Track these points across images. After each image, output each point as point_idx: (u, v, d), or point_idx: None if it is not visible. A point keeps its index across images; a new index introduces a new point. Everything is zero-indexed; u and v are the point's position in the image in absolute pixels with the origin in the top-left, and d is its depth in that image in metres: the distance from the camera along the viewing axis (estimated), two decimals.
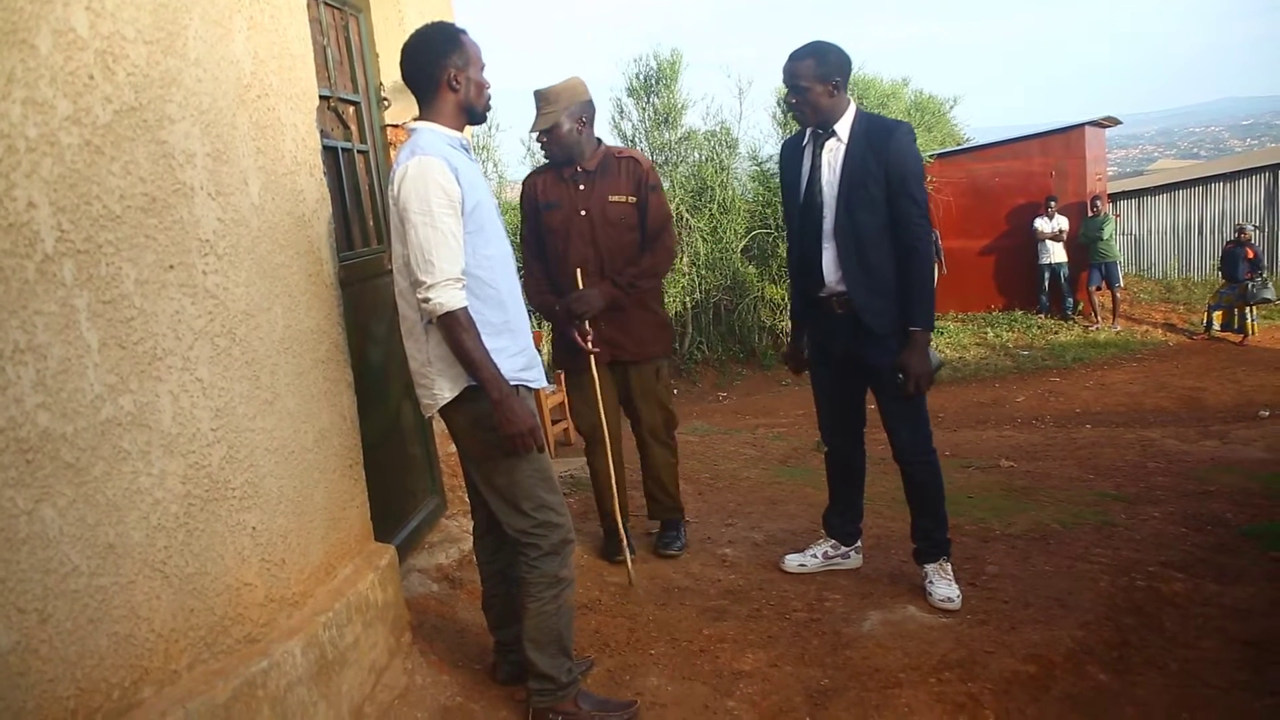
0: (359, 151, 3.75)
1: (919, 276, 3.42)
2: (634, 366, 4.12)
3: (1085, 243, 14.84)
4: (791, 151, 3.67)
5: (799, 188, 3.57)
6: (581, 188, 4.02)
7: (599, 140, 4.13)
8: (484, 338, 2.63)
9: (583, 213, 3.99)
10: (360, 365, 3.19)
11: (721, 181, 14.77)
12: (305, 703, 2.52)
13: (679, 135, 15.27)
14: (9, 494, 1.82)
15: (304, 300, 2.78)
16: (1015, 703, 2.89)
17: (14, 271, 1.85)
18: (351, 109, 3.74)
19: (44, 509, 1.90)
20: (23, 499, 1.85)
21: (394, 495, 3.69)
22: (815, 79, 3.41)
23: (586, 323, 3.87)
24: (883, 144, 3.38)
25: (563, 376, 4.55)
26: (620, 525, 4.04)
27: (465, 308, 2.56)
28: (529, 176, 4.25)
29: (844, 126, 3.45)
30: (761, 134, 18.70)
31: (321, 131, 3.07)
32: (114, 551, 2.05)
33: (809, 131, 3.59)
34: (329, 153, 3.41)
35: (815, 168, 3.50)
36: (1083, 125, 15.92)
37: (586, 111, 4.02)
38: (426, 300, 2.54)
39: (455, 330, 2.56)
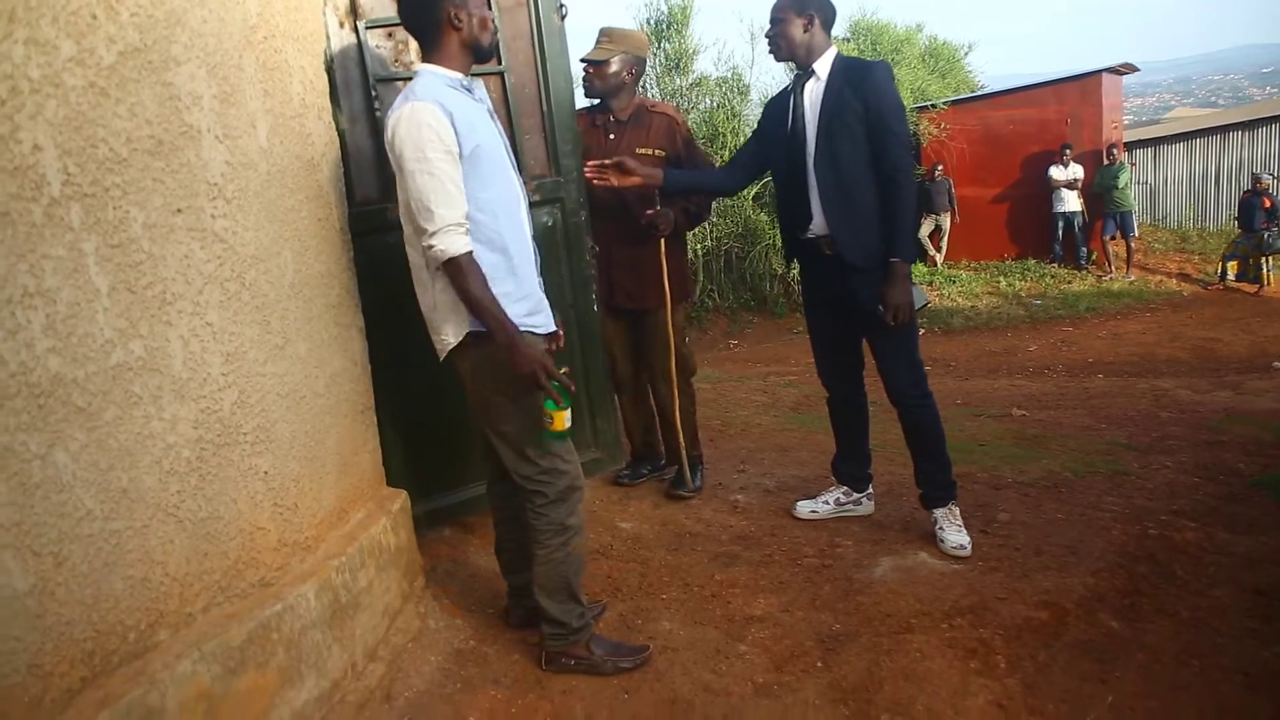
0: (492, 74, 3.54)
1: (900, 207, 3.43)
2: (649, 313, 4.21)
3: (1100, 191, 14.69)
4: (775, 103, 3.73)
5: (784, 130, 3.59)
6: (611, 137, 4.12)
7: (635, 94, 4.22)
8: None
9: (608, 162, 4.00)
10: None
11: (733, 128, 14.61)
12: (319, 645, 2.54)
13: (690, 81, 15.09)
14: (22, 438, 1.82)
15: (313, 245, 2.76)
16: (1027, 648, 2.89)
17: (21, 215, 1.84)
18: None
19: (57, 453, 1.90)
20: (35, 443, 1.85)
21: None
22: (791, 10, 3.46)
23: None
24: (860, 80, 3.41)
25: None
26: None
27: (469, 253, 2.53)
28: None
29: (823, 66, 3.49)
30: (774, 80, 18.44)
31: (394, 61, 3.05)
32: (127, 496, 2.06)
33: (792, 80, 3.63)
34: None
35: (797, 106, 3.54)
36: (1099, 72, 15.68)
37: (639, 66, 4.15)
38: (430, 248, 2.51)
39: (459, 276, 2.53)
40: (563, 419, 2.63)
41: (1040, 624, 3.03)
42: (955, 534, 3.57)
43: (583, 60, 4.06)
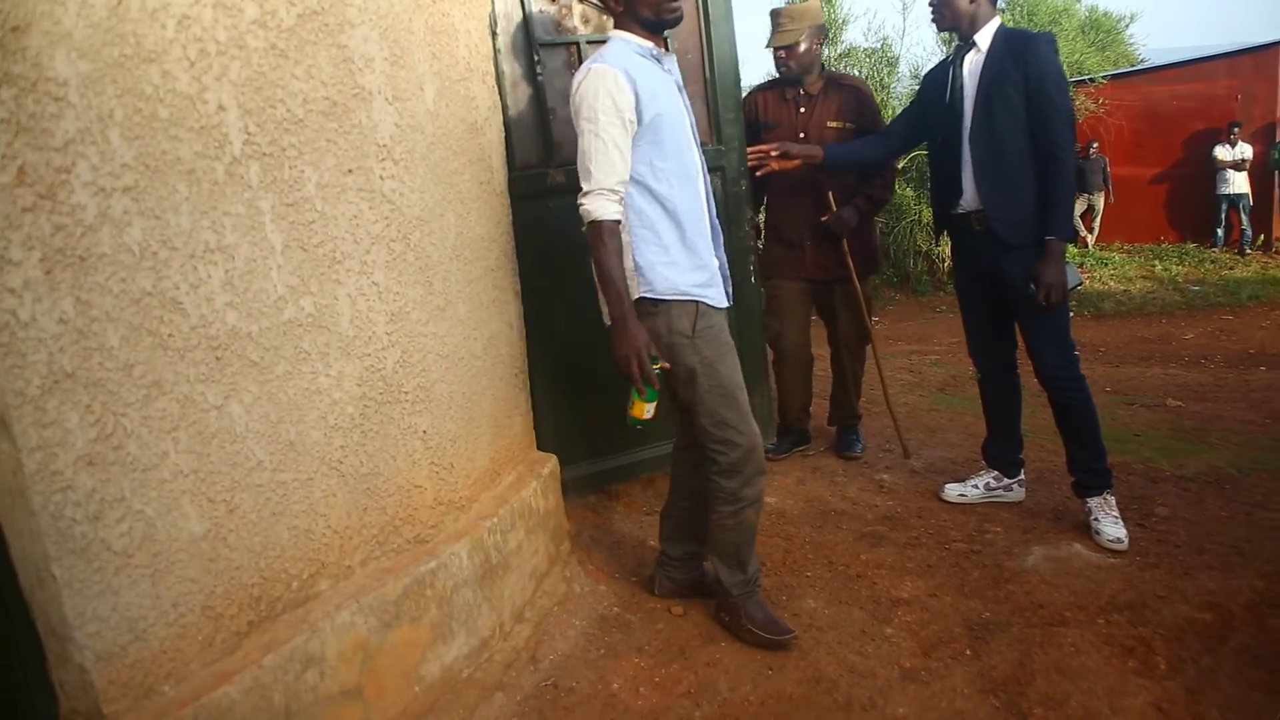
0: None
1: (1059, 184, 3.31)
2: (838, 284, 4.30)
3: (1276, 168, 13.86)
4: (934, 75, 3.65)
5: (943, 103, 3.52)
6: (802, 110, 4.16)
7: (822, 65, 4.26)
8: (657, 249, 2.60)
9: (801, 135, 4.09)
10: None
11: (881, 100, 14.28)
12: (470, 604, 2.58)
13: (839, 52, 14.79)
14: (200, 389, 1.89)
15: (475, 208, 2.79)
16: (1189, 651, 2.76)
17: (205, 173, 1.89)
18: None
19: (232, 405, 1.96)
20: (213, 395, 1.92)
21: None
22: None
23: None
24: (1022, 51, 3.31)
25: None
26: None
27: (615, 221, 2.53)
28: (750, 93, 4.34)
29: (984, 37, 3.41)
30: (925, 51, 18.03)
31: (558, 25, 3.07)
32: (294, 449, 2.12)
33: (952, 50, 3.55)
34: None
35: (956, 78, 3.46)
36: (1276, 44, 14.77)
37: (821, 33, 4.19)
38: (580, 206, 2.53)
39: (595, 240, 2.53)
40: (643, 409, 2.62)
41: (1204, 626, 2.88)
42: (1111, 526, 3.43)
43: (769, 47, 4.14)
